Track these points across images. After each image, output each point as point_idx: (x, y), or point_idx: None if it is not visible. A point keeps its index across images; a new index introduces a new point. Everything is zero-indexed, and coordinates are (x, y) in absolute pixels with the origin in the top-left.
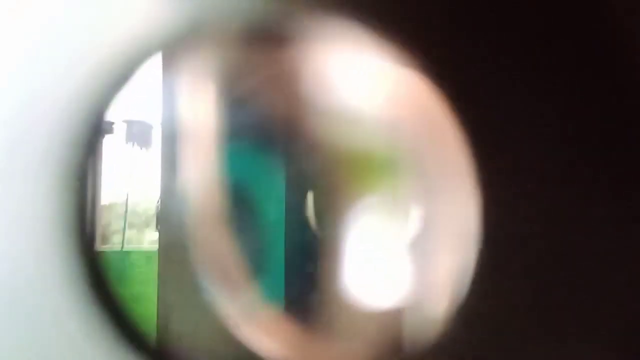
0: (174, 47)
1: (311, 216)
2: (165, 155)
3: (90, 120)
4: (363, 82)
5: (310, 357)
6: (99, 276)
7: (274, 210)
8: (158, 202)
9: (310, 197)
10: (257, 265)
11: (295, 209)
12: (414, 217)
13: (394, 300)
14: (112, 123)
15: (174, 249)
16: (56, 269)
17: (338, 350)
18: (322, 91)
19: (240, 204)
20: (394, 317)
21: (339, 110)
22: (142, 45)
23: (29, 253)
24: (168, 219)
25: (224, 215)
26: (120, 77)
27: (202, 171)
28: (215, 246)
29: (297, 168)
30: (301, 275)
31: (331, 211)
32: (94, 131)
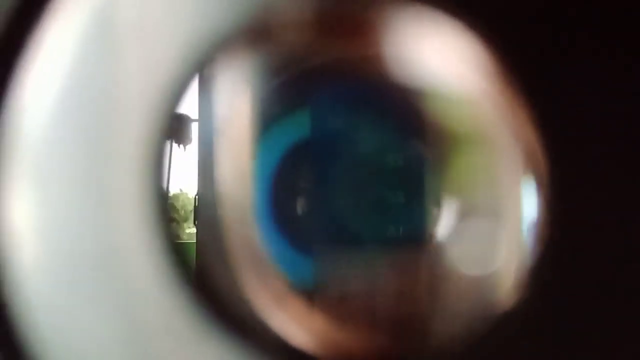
0: (241, 42)
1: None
2: (202, 150)
3: (163, 115)
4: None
5: (339, 346)
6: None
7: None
8: (196, 197)
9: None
10: (286, 254)
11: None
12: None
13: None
14: None
15: (212, 242)
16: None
17: (366, 340)
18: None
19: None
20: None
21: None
22: (210, 40)
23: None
24: (206, 213)
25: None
26: (189, 74)
27: (238, 166)
28: (248, 237)
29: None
30: (332, 262)
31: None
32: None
